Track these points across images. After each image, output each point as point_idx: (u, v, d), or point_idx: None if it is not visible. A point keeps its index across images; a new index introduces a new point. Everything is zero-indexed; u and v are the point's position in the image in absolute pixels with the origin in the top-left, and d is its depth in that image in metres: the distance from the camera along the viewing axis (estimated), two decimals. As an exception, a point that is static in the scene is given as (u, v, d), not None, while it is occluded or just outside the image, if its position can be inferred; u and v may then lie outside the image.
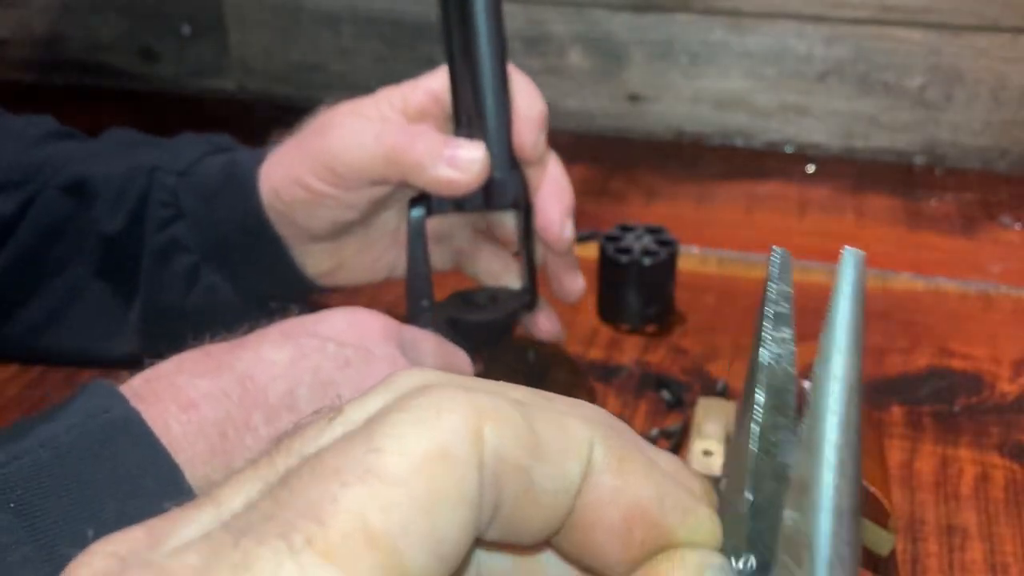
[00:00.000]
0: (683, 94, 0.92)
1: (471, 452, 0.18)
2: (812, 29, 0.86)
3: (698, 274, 0.71)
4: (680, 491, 0.21)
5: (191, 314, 0.57)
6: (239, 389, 0.40)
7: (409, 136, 0.50)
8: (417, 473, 0.18)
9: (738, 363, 0.61)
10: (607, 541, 0.20)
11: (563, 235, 0.53)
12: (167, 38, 1.03)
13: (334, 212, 0.53)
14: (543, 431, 0.20)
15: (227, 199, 0.56)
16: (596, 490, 0.20)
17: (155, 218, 0.56)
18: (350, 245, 0.56)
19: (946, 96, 0.86)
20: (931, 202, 0.82)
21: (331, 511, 0.17)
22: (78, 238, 0.57)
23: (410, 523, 0.17)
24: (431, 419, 0.18)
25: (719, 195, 0.83)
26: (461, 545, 0.18)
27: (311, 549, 0.17)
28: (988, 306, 0.67)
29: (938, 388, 0.59)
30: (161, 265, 0.56)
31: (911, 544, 0.48)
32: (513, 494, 0.19)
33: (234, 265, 0.56)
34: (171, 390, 0.39)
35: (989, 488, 0.51)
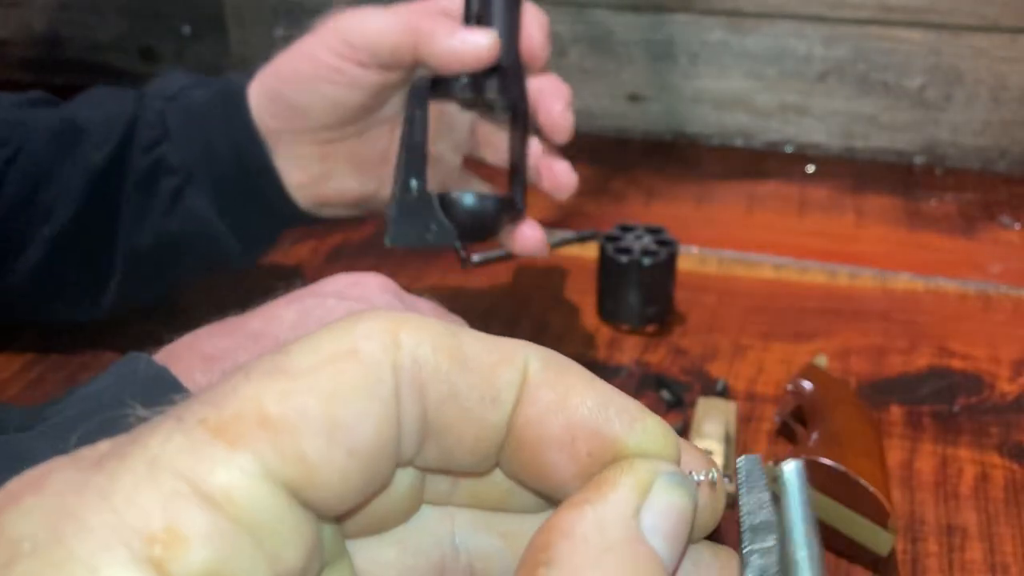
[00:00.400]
0: (683, 94, 0.92)
1: (383, 352, 0.18)
2: (812, 29, 0.86)
3: (698, 274, 0.71)
4: (625, 400, 0.20)
5: (173, 245, 0.56)
6: (252, 343, 0.42)
7: (427, 12, 0.53)
8: (322, 367, 0.18)
9: (738, 363, 0.61)
10: (554, 457, 0.20)
11: (565, 122, 0.55)
12: (167, 38, 1.03)
13: (338, 91, 0.53)
14: (470, 345, 0.19)
15: (214, 113, 0.56)
16: (534, 404, 0.19)
17: (141, 141, 0.56)
18: (340, 151, 0.56)
19: (946, 96, 0.86)
20: (931, 202, 0.82)
21: (229, 398, 0.17)
22: (65, 179, 0.56)
23: (309, 409, 0.17)
24: (346, 327, 0.19)
25: (719, 195, 0.83)
26: (374, 442, 0.18)
27: (202, 427, 0.17)
28: (988, 306, 0.67)
29: (938, 388, 0.59)
30: (145, 190, 0.56)
31: (911, 544, 0.48)
32: (436, 401, 0.19)
33: (217, 183, 0.56)
34: (192, 350, 0.42)
35: (989, 488, 0.51)
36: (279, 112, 0.55)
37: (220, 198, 0.56)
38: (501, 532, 0.22)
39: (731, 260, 0.73)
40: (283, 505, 0.17)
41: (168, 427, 0.17)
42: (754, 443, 0.55)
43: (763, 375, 0.60)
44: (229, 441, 0.17)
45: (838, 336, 0.64)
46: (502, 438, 0.20)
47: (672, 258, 0.63)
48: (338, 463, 0.17)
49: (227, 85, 0.57)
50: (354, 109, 0.55)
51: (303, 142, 0.55)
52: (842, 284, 0.70)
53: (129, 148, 0.56)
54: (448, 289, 0.69)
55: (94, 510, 0.15)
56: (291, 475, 0.17)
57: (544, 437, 0.19)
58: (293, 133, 0.55)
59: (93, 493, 0.16)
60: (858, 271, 0.71)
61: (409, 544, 0.21)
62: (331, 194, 0.57)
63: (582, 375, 0.20)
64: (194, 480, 0.16)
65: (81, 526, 0.15)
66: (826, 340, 0.63)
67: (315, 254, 0.74)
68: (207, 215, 0.56)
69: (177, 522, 0.16)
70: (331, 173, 0.56)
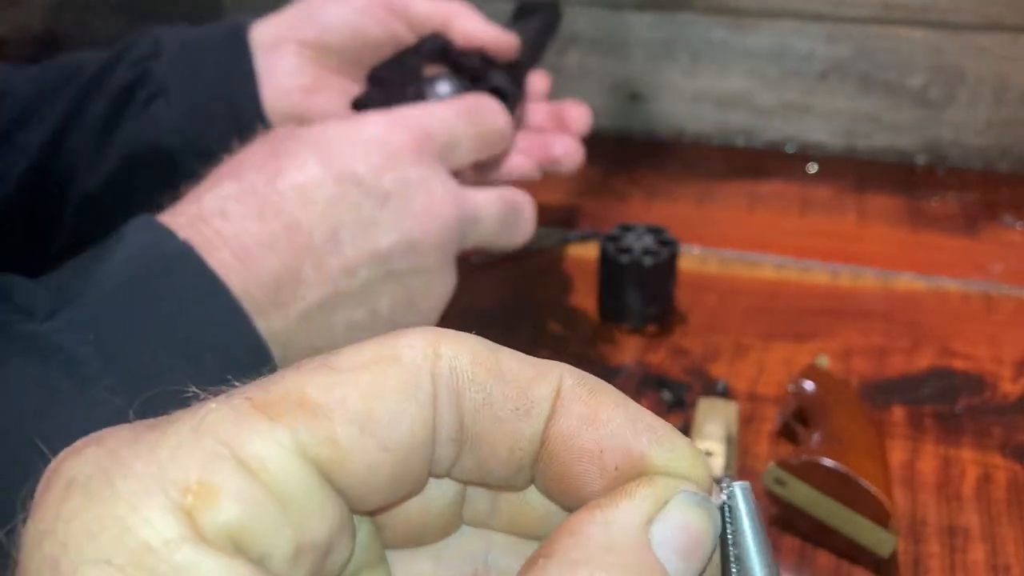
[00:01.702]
0: (684, 93, 0.91)
1: (423, 360, 0.20)
2: (813, 28, 0.86)
3: (699, 274, 0.71)
4: (656, 420, 0.21)
5: (132, 167, 0.55)
6: (287, 237, 0.41)
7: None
8: (364, 368, 0.19)
9: (739, 363, 0.61)
10: (583, 470, 0.20)
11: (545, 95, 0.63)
12: (167, 37, 1.04)
13: (361, 20, 0.56)
14: (507, 359, 0.21)
15: (211, 40, 0.57)
16: (567, 417, 0.20)
17: (131, 56, 0.56)
18: (334, 80, 0.57)
19: (948, 95, 0.85)
20: (933, 202, 0.82)
21: (276, 383, 0.19)
22: (49, 111, 0.56)
23: (347, 399, 0.19)
24: (392, 337, 0.20)
25: (720, 194, 0.83)
26: (407, 441, 0.19)
27: (248, 403, 0.19)
28: (990, 306, 0.67)
29: (940, 388, 0.59)
30: (122, 100, 0.55)
31: (913, 545, 0.48)
32: (472, 410, 0.20)
33: (196, 105, 0.55)
34: (221, 237, 0.40)
35: (991, 489, 0.51)
36: (298, 21, 0.56)
37: (193, 115, 0.55)
38: None
39: (732, 260, 0.73)
40: (312, 482, 0.18)
41: (217, 401, 0.19)
42: (755, 444, 0.55)
43: (764, 375, 0.60)
44: (269, 416, 0.18)
45: (840, 336, 0.64)
46: (536, 450, 0.21)
47: (673, 258, 0.63)
48: (369, 454, 0.19)
49: (232, 21, 0.59)
50: (368, 45, 0.57)
51: (307, 57, 0.56)
52: (844, 284, 0.70)
53: (117, 64, 0.56)
54: (448, 289, 0.69)
55: (141, 460, 0.18)
56: (322, 456, 0.18)
57: (575, 450, 0.20)
58: (302, 44, 0.56)
59: (143, 447, 0.18)
60: (860, 271, 0.71)
61: (445, 559, 0.22)
62: (312, 110, 0.56)
63: (614, 394, 0.21)
64: (233, 445, 0.18)
65: (127, 471, 0.17)
66: (827, 340, 0.63)
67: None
68: (169, 125, 0.55)
69: (211, 478, 0.17)
70: (320, 91, 0.56)
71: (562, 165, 0.58)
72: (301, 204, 0.42)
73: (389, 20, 0.57)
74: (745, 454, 0.54)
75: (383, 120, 0.46)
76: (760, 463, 0.53)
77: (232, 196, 0.42)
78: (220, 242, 0.40)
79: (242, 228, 0.41)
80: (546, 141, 0.58)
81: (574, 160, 0.58)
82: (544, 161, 0.57)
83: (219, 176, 0.43)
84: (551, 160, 0.58)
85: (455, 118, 0.48)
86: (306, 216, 0.42)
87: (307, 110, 0.56)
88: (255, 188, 0.42)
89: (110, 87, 0.55)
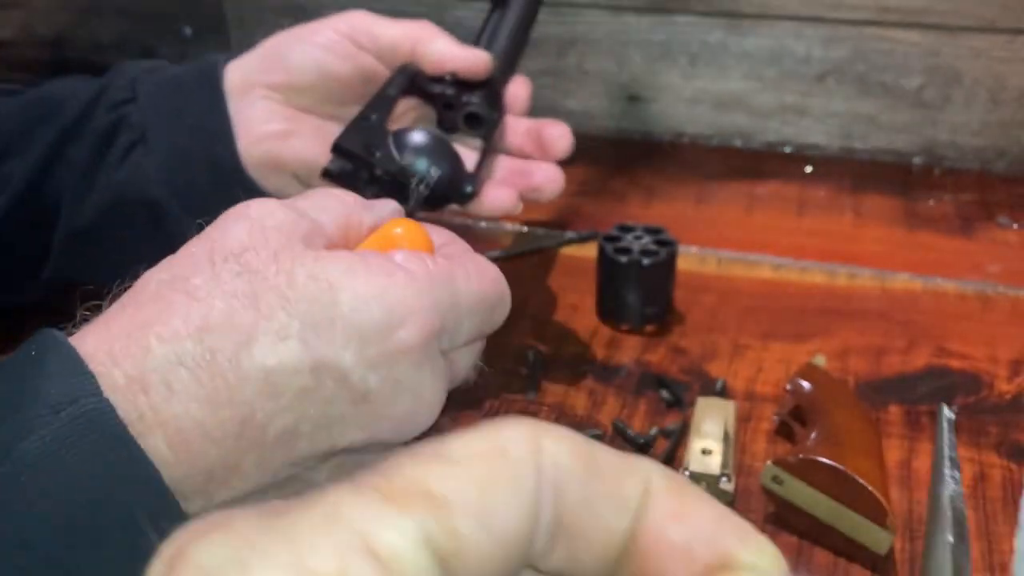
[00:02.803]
0: (682, 95, 0.92)
1: (529, 454, 0.20)
2: (811, 30, 0.86)
3: (697, 274, 0.71)
4: (740, 519, 0.21)
5: (115, 209, 0.55)
6: (236, 430, 0.34)
7: (433, 25, 0.58)
8: (477, 459, 0.20)
9: (737, 363, 0.62)
10: (672, 567, 0.21)
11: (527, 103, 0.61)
12: (168, 39, 1.04)
13: (328, 58, 0.55)
14: (601, 453, 0.21)
15: (186, 82, 0.57)
16: (657, 511, 0.21)
17: (108, 101, 0.56)
18: (307, 122, 0.56)
19: (944, 97, 0.86)
20: (929, 202, 0.82)
21: (398, 472, 0.19)
22: (28, 147, 0.56)
23: (465, 492, 0.19)
24: (495, 429, 0.20)
25: (718, 195, 0.83)
26: (515, 532, 0.20)
27: (376, 492, 0.19)
28: (986, 306, 0.67)
29: (936, 388, 0.59)
30: (101, 146, 0.55)
31: (909, 543, 0.48)
32: (571, 503, 0.20)
33: (173, 149, 0.55)
34: (159, 417, 0.33)
35: (987, 487, 0.52)
36: (265, 64, 0.56)
37: (173, 163, 0.55)
38: None
39: (730, 260, 0.73)
40: (436, 573, 0.19)
41: (346, 488, 0.19)
42: (753, 442, 0.55)
43: (762, 375, 0.60)
44: (399, 507, 0.18)
45: (837, 336, 0.64)
46: (625, 545, 0.21)
47: (671, 258, 0.63)
48: (484, 546, 0.19)
49: (206, 61, 0.58)
50: (337, 82, 0.56)
51: (277, 100, 0.56)
52: (841, 284, 0.70)
53: (95, 107, 0.56)
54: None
55: (277, 547, 0.17)
56: (445, 547, 0.19)
57: (664, 545, 0.21)
58: (271, 88, 0.56)
59: (277, 534, 0.18)
60: (857, 271, 0.71)
61: None
62: (287, 155, 0.56)
63: (700, 493, 0.21)
64: (366, 536, 0.18)
65: (265, 559, 0.17)
66: (825, 340, 0.64)
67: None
68: (153, 175, 0.55)
69: (348, 569, 0.17)
70: (294, 134, 0.56)
71: (543, 194, 0.57)
72: (264, 395, 0.34)
73: (356, 54, 0.56)
74: (743, 453, 0.54)
75: (409, 291, 0.36)
76: (758, 461, 0.53)
77: (186, 363, 0.33)
78: (156, 423, 0.32)
79: (186, 411, 0.33)
80: (526, 169, 0.58)
81: (554, 188, 0.58)
82: (524, 191, 0.57)
83: (184, 314, 0.34)
84: (531, 189, 0.57)
85: (473, 307, 0.39)
86: (265, 409, 0.34)
87: (281, 155, 0.56)
88: (215, 359, 0.33)
89: (89, 131, 0.55)
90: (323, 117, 0.57)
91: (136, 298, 0.35)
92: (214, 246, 0.36)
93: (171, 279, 0.35)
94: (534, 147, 0.59)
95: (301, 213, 0.38)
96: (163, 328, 0.33)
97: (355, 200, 0.41)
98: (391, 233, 0.41)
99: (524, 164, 0.58)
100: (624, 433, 0.55)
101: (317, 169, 0.55)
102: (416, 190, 0.53)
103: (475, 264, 0.40)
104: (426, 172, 0.54)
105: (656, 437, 0.55)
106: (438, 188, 0.54)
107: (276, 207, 0.37)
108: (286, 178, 0.56)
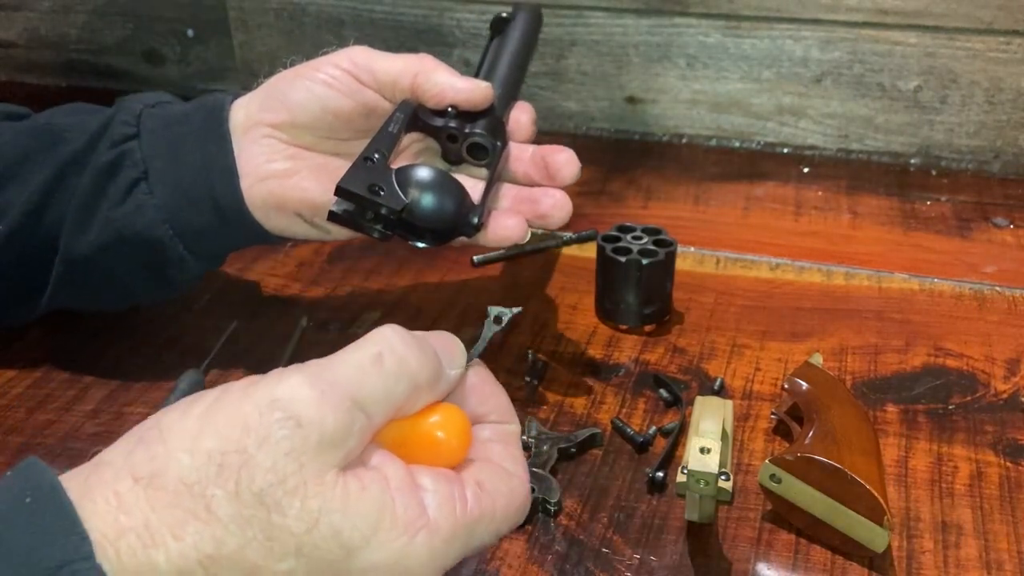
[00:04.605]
0: (681, 96, 0.92)
1: None
2: (808, 32, 0.87)
3: (696, 274, 0.71)
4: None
5: (115, 245, 0.55)
6: None
7: (433, 58, 0.57)
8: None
9: (735, 362, 0.62)
10: None
11: (531, 129, 0.60)
12: (171, 41, 1.04)
13: (329, 94, 0.55)
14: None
15: (191, 120, 0.56)
16: None
17: (112, 136, 0.56)
18: (310, 160, 0.56)
19: (941, 98, 0.86)
20: (926, 203, 0.83)
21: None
22: (30, 177, 0.56)
23: None
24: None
25: (716, 196, 0.84)
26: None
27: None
28: (982, 306, 0.68)
29: (933, 387, 0.60)
30: (103, 182, 0.55)
31: (906, 541, 0.49)
32: None
33: (176, 187, 0.55)
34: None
35: (983, 485, 0.52)
36: (267, 103, 0.56)
37: (175, 202, 0.55)
38: None
39: (728, 260, 0.74)
40: None
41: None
42: (751, 441, 0.55)
43: (760, 374, 0.61)
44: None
45: (834, 335, 0.64)
46: None
47: (670, 258, 0.64)
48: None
49: (211, 98, 0.58)
50: (339, 118, 0.56)
51: (280, 139, 0.56)
52: (838, 284, 0.70)
53: (99, 141, 0.56)
54: (448, 289, 0.70)
55: None
56: None
57: None
58: (273, 127, 0.55)
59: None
60: (854, 271, 0.72)
61: None
62: (290, 194, 0.55)
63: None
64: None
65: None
66: (822, 339, 0.64)
67: (317, 255, 0.75)
68: (155, 215, 0.55)
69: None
70: (296, 172, 0.55)
71: (551, 221, 0.56)
72: None
73: (357, 89, 0.56)
74: (741, 451, 0.55)
75: (424, 554, 0.34)
76: (756, 460, 0.54)
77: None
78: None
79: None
80: (533, 196, 0.56)
81: (562, 215, 0.56)
82: (532, 218, 0.56)
83: (198, 533, 0.31)
84: (539, 216, 0.56)
85: (488, 542, 0.37)
86: None
87: (284, 195, 0.55)
88: None
89: (92, 165, 0.55)
90: (327, 154, 0.57)
91: (158, 480, 0.32)
92: (245, 460, 0.32)
93: (195, 480, 0.32)
94: (540, 174, 0.58)
95: (353, 413, 0.33)
96: (174, 542, 0.31)
97: (428, 373, 0.36)
98: (427, 425, 0.36)
99: (531, 192, 0.57)
100: (623, 432, 0.55)
101: (321, 208, 0.54)
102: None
103: (507, 496, 0.37)
104: (429, 222, 0.54)
105: (655, 436, 0.55)
106: (445, 221, 0.54)
107: (326, 407, 0.33)
108: (290, 217, 0.56)
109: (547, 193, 0.56)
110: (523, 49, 0.65)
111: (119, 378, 0.61)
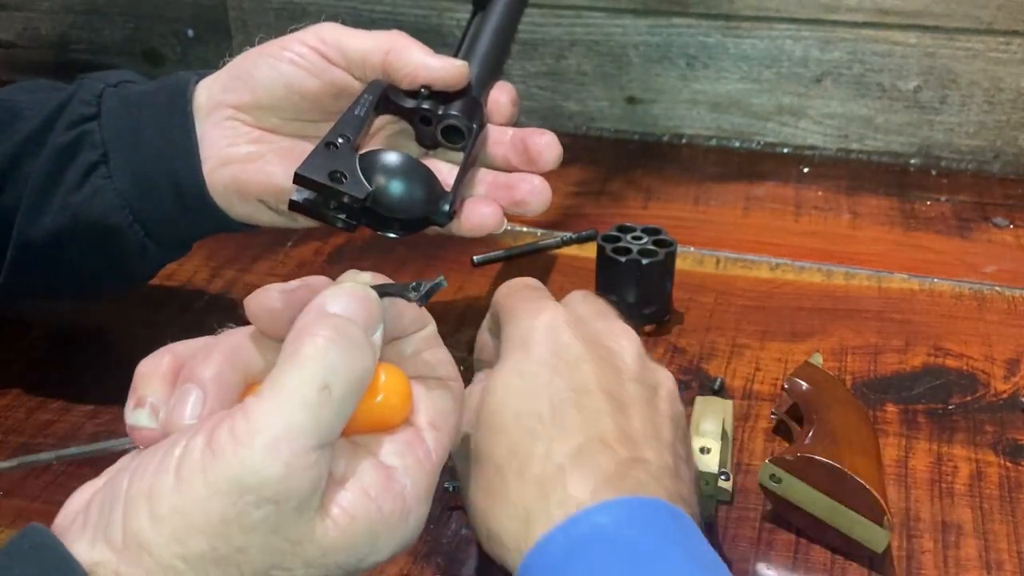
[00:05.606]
0: (680, 96, 0.92)
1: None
2: (808, 32, 0.87)
3: (695, 274, 0.71)
4: None
5: (71, 229, 0.52)
6: None
7: (406, 35, 0.55)
8: None
9: (735, 362, 0.62)
10: None
11: (512, 110, 0.58)
12: (171, 41, 1.04)
13: (296, 72, 0.52)
14: None
15: (152, 101, 0.53)
16: None
17: (71, 116, 0.53)
18: (275, 144, 0.53)
19: (941, 98, 0.86)
20: (926, 203, 0.83)
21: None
22: None
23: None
24: None
25: (716, 196, 0.84)
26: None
27: None
28: (982, 306, 0.68)
29: (933, 386, 0.60)
30: (61, 163, 0.52)
31: (906, 541, 0.49)
32: None
33: (137, 172, 0.52)
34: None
35: (983, 485, 0.52)
36: (230, 83, 0.53)
37: (136, 187, 0.53)
38: None
39: (728, 260, 0.74)
40: None
41: None
42: (751, 441, 0.55)
43: (760, 374, 0.61)
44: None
45: (834, 335, 0.64)
46: None
47: (670, 258, 0.64)
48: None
49: (174, 79, 0.55)
50: (305, 98, 0.53)
51: (243, 121, 0.53)
52: (838, 284, 0.70)
53: (56, 121, 0.53)
54: (448, 289, 0.70)
55: None
56: None
57: None
58: (236, 108, 0.53)
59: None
60: (854, 271, 0.72)
61: None
62: (253, 180, 0.52)
63: None
64: None
65: None
66: (822, 339, 0.64)
67: (317, 255, 0.75)
68: (115, 200, 0.52)
69: None
70: (261, 157, 0.53)
71: (528, 208, 0.54)
72: None
73: (325, 68, 0.53)
74: (741, 451, 0.55)
75: None
76: (756, 460, 0.54)
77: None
78: None
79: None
80: (509, 182, 0.54)
81: (540, 201, 0.54)
82: (508, 205, 0.54)
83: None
84: (515, 203, 0.54)
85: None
86: None
87: (247, 181, 0.52)
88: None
89: (49, 146, 0.53)
90: (294, 137, 0.54)
91: None
92: (239, 547, 0.31)
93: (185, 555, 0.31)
94: (520, 158, 0.55)
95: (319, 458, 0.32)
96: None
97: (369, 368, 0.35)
98: (369, 395, 0.35)
99: (508, 177, 0.55)
100: (623, 432, 0.55)
101: (286, 194, 0.51)
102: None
103: (457, 413, 0.38)
104: (399, 196, 0.51)
105: (655, 436, 0.55)
106: (413, 210, 0.52)
107: (294, 475, 0.31)
108: (253, 204, 0.53)
109: (524, 179, 0.54)
110: (506, 26, 0.61)
111: (119, 378, 0.61)
